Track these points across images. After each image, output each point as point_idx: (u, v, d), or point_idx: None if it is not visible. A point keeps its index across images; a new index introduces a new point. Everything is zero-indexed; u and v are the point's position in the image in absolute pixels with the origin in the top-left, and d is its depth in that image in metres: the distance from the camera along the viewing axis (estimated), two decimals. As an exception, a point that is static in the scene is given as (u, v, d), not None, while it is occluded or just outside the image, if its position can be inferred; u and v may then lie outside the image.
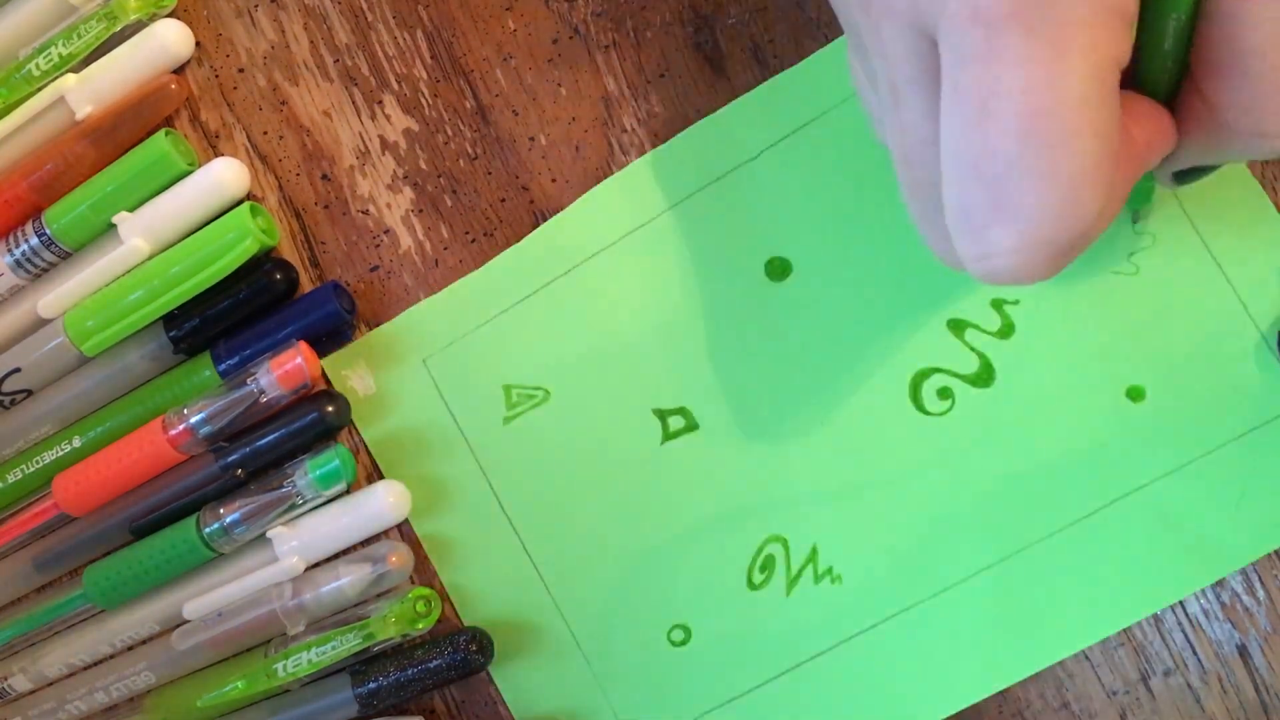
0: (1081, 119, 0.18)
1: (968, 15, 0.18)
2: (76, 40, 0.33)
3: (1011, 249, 0.19)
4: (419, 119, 0.33)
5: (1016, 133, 0.18)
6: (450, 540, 0.32)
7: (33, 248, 0.33)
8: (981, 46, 0.18)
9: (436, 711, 0.34)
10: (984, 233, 0.19)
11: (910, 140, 0.22)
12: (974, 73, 0.18)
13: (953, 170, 0.19)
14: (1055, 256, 0.19)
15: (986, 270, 0.20)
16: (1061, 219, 0.18)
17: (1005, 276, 0.19)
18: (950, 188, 0.19)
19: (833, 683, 0.30)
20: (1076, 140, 0.18)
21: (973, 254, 0.20)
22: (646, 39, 0.31)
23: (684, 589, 0.31)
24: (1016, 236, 0.19)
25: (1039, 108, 0.18)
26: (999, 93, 0.18)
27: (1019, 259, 0.19)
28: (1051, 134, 0.18)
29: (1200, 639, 0.29)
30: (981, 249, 0.19)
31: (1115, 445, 0.29)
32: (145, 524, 0.34)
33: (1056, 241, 0.19)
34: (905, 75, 0.21)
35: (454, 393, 0.32)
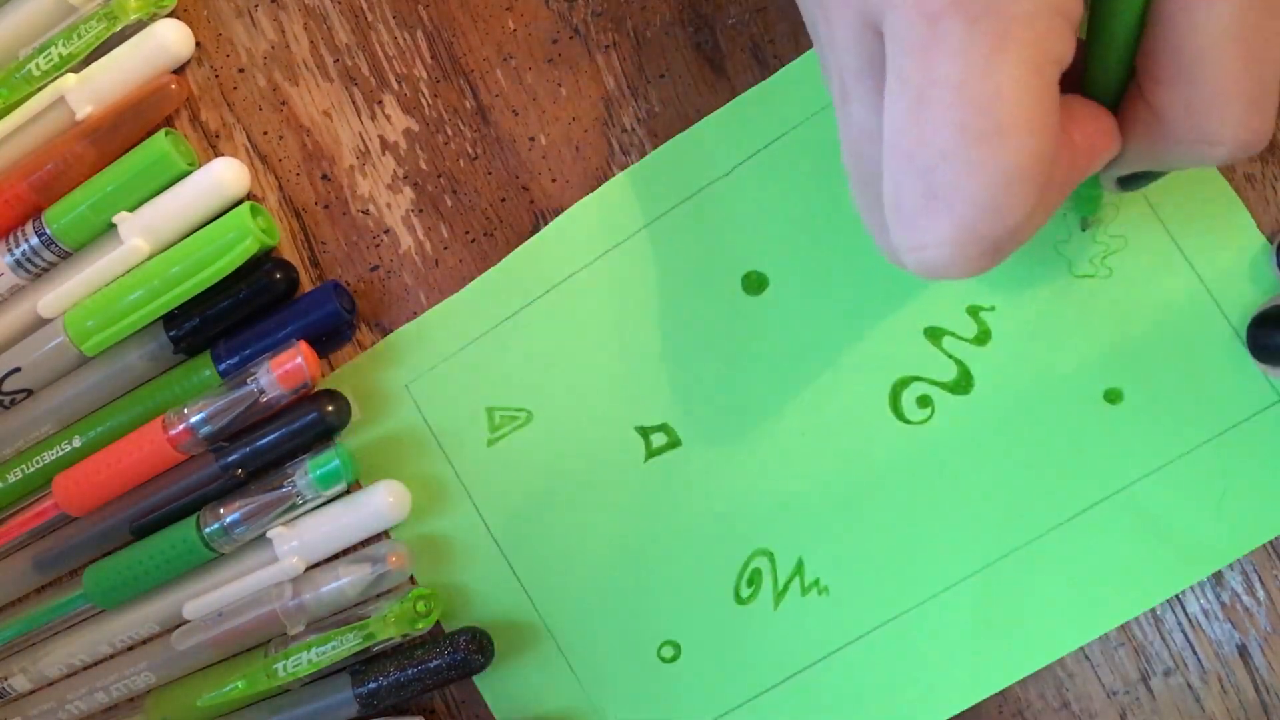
0: (1017, 114, 0.18)
1: (912, 5, 0.18)
2: (76, 40, 0.33)
3: (943, 240, 0.19)
4: (419, 119, 0.33)
5: (952, 124, 0.18)
6: (433, 557, 0.33)
7: (33, 247, 0.33)
8: (923, 36, 0.18)
9: (436, 711, 0.34)
10: (917, 223, 0.19)
11: (856, 133, 0.22)
12: (914, 62, 0.18)
13: (890, 160, 0.19)
14: (987, 251, 0.19)
15: (919, 261, 0.20)
16: (993, 213, 0.18)
17: (938, 269, 0.20)
18: (888, 179, 0.20)
19: (823, 694, 0.30)
20: (1011, 135, 0.18)
21: (906, 244, 0.20)
22: (646, 39, 0.31)
23: (672, 605, 0.31)
24: (948, 228, 0.19)
25: (975, 100, 0.18)
26: (936, 82, 0.18)
27: (950, 251, 0.19)
28: (986, 127, 0.18)
29: (1200, 639, 0.29)
30: (914, 239, 0.19)
31: (1095, 448, 0.29)
32: (145, 524, 0.34)
33: (988, 235, 0.19)
34: (853, 68, 0.21)
35: (437, 416, 0.32)
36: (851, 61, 0.21)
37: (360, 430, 0.33)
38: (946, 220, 0.19)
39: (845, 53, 0.21)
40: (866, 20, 0.20)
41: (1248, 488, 0.28)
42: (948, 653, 0.30)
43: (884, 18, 0.19)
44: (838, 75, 0.21)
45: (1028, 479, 0.29)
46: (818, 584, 0.30)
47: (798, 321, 0.30)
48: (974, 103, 0.18)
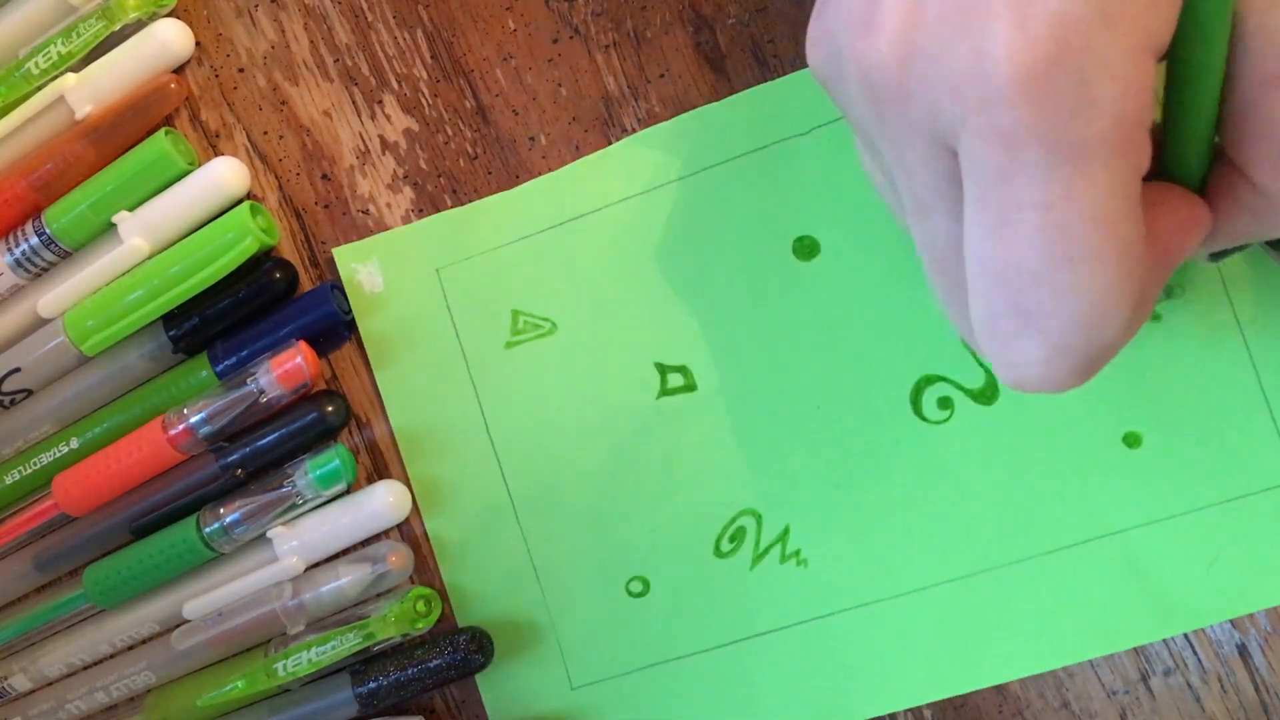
0: (1105, 235, 0.17)
1: (986, 131, 0.18)
2: (75, 39, 0.33)
3: (1038, 360, 0.19)
4: (419, 119, 0.33)
5: (1039, 248, 0.18)
6: (427, 444, 0.32)
7: (33, 247, 0.33)
8: (1001, 162, 0.18)
9: (436, 711, 0.34)
10: (1011, 343, 0.19)
11: (939, 244, 0.21)
12: (995, 188, 0.18)
13: (978, 282, 0.19)
14: (1084, 366, 0.19)
15: (1015, 379, 0.20)
16: (1088, 332, 0.18)
17: (1033, 385, 0.19)
18: (976, 299, 0.19)
19: (779, 661, 0.31)
20: (1100, 255, 0.18)
21: (1001, 363, 0.19)
22: (646, 39, 0.31)
23: (651, 543, 0.31)
24: (1043, 348, 0.19)
25: (1061, 223, 0.17)
26: (1020, 207, 0.18)
27: (1046, 370, 0.19)
28: (1074, 250, 0.18)
29: (1200, 639, 0.29)
30: (1009, 359, 0.19)
31: (1102, 486, 0.29)
32: (145, 524, 0.34)
33: (1085, 352, 0.19)
34: (927, 185, 0.20)
35: (461, 307, 0.32)
36: (927, 180, 0.20)
37: (380, 303, 0.33)
38: (1041, 342, 0.19)
39: (918, 173, 0.20)
40: (939, 140, 0.19)
41: (1242, 558, 0.28)
42: (906, 651, 0.30)
43: (958, 142, 0.18)
44: (910, 194, 0.21)
45: (1028, 501, 0.29)
46: (798, 555, 0.30)
47: (839, 296, 0.30)
48: (1061, 226, 0.17)
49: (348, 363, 0.33)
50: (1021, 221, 0.18)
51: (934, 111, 0.19)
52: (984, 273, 0.19)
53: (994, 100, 0.17)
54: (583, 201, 0.31)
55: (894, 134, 0.20)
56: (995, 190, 0.18)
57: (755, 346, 0.30)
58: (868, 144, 0.23)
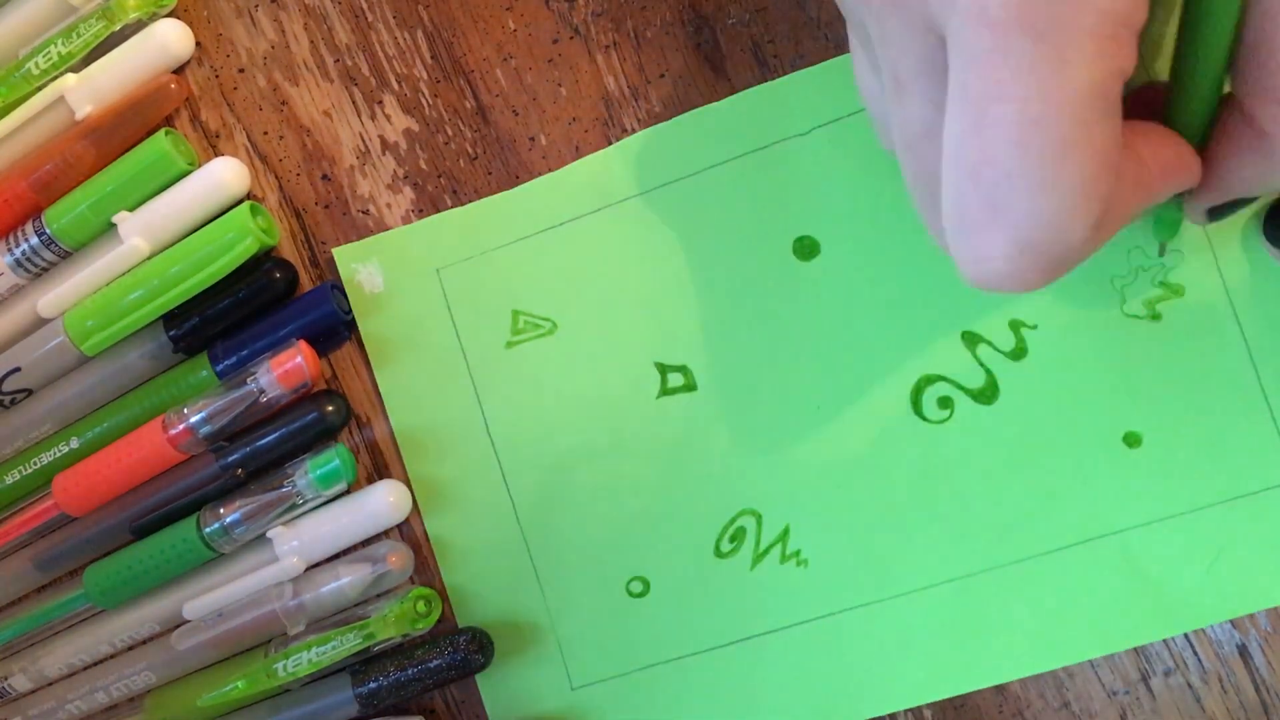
0: (1080, 131, 0.18)
1: (975, 16, 0.18)
2: (75, 39, 0.33)
3: (1003, 255, 0.19)
4: (419, 119, 0.33)
5: (1014, 140, 0.18)
6: (427, 444, 0.33)
7: (33, 247, 0.33)
8: (987, 48, 0.18)
9: (436, 711, 0.34)
10: (977, 236, 0.19)
11: (913, 130, 0.22)
12: (978, 75, 0.18)
13: (951, 172, 0.19)
14: (1046, 267, 0.19)
15: (978, 273, 0.20)
16: (1054, 229, 0.18)
17: (995, 281, 0.20)
18: (948, 189, 0.20)
19: (780, 661, 0.31)
20: (1073, 151, 0.18)
21: (966, 256, 0.20)
22: (646, 39, 0.31)
23: (651, 543, 0.31)
24: (1008, 243, 0.19)
25: (1038, 116, 0.18)
26: (1000, 98, 0.18)
27: (1009, 265, 0.19)
28: (1048, 144, 0.18)
29: (1200, 639, 0.29)
30: (974, 252, 0.19)
31: (1103, 486, 0.29)
32: (145, 524, 0.34)
33: (1048, 251, 0.19)
34: (910, 68, 0.21)
35: (462, 307, 0.32)
36: (909, 61, 0.20)
37: (380, 303, 0.33)
38: (1007, 234, 0.19)
39: (901, 52, 0.20)
40: (928, 24, 0.19)
41: (1244, 557, 0.28)
42: (906, 652, 0.30)
43: (947, 25, 0.19)
44: (891, 72, 0.21)
45: (1029, 501, 0.29)
46: (798, 555, 0.30)
47: (840, 296, 0.30)
48: (1037, 120, 0.18)
49: (348, 363, 0.33)
50: (999, 112, 0.18)
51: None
52: (958, 163, 0.19)
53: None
54: (583, 201, 0.31)
55: (883, 14, 0.20)
56: (978, 78, 0.18)
57: (755, 346, 0.30)
58: (858, 31, 0.23)
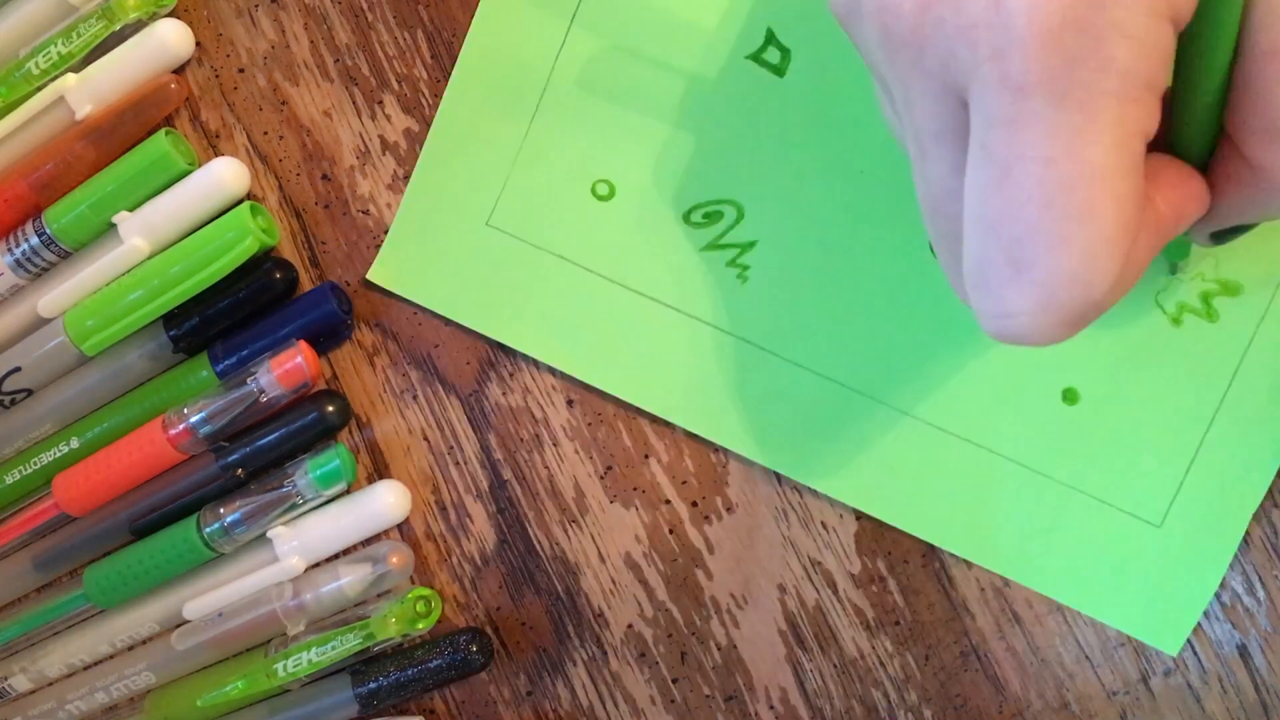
0: (1103, 192, 0.18)
1: (998, 80, 0.18)
2: (75, 39, 0.33)
3: (1025, 311, 0.19)
4: (419, 119, 0.33)
5: (1037, 200, 0.18)
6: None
7: (33, 247, 0.33)
8: (1009, 111, 0.18)
9: (436, 711, 0.34)
10: (1000, 293, 0.19)
11: (935, 192, 0.22)
12: (1000, 137, 0.18)
13: (974, 230, 0.19)
14: (1069, 321, 0.19)
15: (1000, 329, 0.20)
16: (1076, 286, 0.19)
17: (1020, 337, 0.20)
18: (970, 246, 0.20)
19: (687, 342, 0.31)
20: (1096, 212, 0.18)
21: (988, 312, 0.20)
22: (647, 39, 0.31)
23: (626, 169, 0.31)
24: (1031, 300, 0.19)
25: (1061, 177, 0.18)
26: (1023, 158, 0.18)
27: (1032, 321, 0.19)
28: (1072, 204, 0.18)
29: (1200, 639, 0.29)
30: (997, 309, 0.20)
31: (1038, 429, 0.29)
32: (145, 524, 0.34)
33: (1072, 307, 0.19)
34: (931, 130, 0.21)
35: None
36: (930, 125, 0.21)
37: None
38: (1031, 292, 0.19)
39: (924, 116, 0.21)
40: (949, 87, 0.20)
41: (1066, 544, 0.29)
42: (814, 431, 0.30)
43: (969, 89, 0.19)
44: (914, 136, 0.21)
45: (987, 388, 0.30)
46: (744, 268, 0.30)
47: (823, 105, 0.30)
48: (1061, 180, 0.18)
49: (348, 363, 0.33)
50: (1023, 172, 0.18)
51: (947, 58, 0.19)
52: (980, 221, 0.19)
53: (1008, 49, 0.18)
54: None
55: (905, 77, 0.20)
56: (1000, 139, 0.18)
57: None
58: (881, 85, 0.23)
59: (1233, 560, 0.29)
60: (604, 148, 0.31)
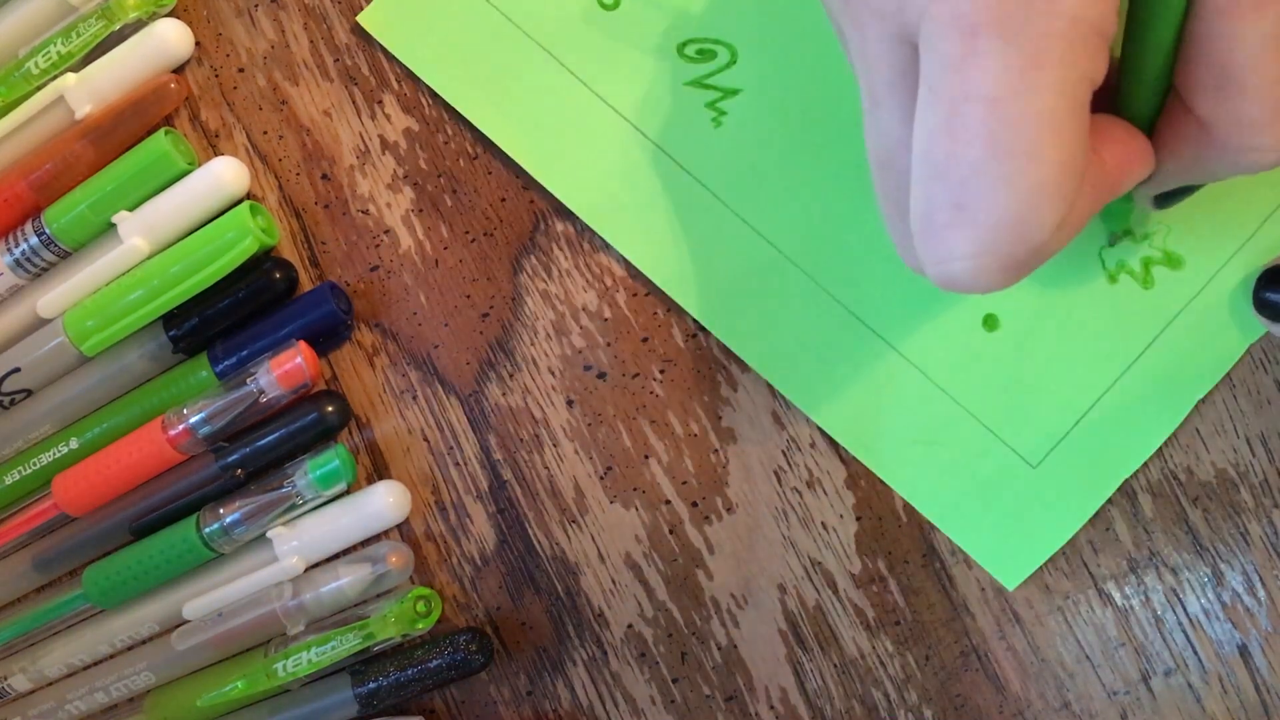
0: (1047, 132, 0.18)
1: (948, 19, 0.18)
2: (75, 39, 0.33)
3: (967, 254, 0.19)
4: (419, 118, 0.33)
5: (982, 139, 0.18)
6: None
7: (32, 247, 0.33)
8: (958, 51, 0.18)
9: (436, 711, 0.34)
10: (943, 235, 0.19)
11: (885, 141, 0.22)
12: (949, 76, 0.18)
13: (920, 171, 0.20)
14: (1010, 266, 0.19)
15: (942, 274, 0.20)
16: (1018, 229, 0.19)
17: (960, 282, 0.20)
18: (916, 189, 0.20)
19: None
20: (1040, 152, 0.18)
21: (931, 257, 0.20)
22: (647, 38, 0.31)
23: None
24: (973, 242, 0.19)
25: (1006, 116, 0.18)
26: (970, 97, 0.18)
27: (973, 264, 0.19)
28: (1016, 144, 0.18)
29: (1201, 639, 0.29)
30: (939, 252, 0.20)
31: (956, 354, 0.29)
32: (145, 524, 0.34)
33: (1012, 252, 0.19)
34: (884, 79, 0.21)
35: None
36: (884, 72, 0.21)
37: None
38: (972, 233, 0.19)
39: (877, 62, 0.21)
40: (901, 33, 0.20)
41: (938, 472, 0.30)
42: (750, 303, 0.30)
43: (919, 31, 0.19)
44: (867, 83, 0.22)
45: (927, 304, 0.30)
46: (721, 112, 0.30)
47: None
48: (1007, 119, 0.18)
49: (348, 363, 0.33)
50: (969, 112, 0.18)
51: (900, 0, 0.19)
52: (927, 164, 0.19)
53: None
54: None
55: (858, 20, 0.21)
56: (948, 80, 0.18)
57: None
58: (840, 35, 0.23)
59: (1231, 559, 0.29)
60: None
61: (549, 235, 0.32)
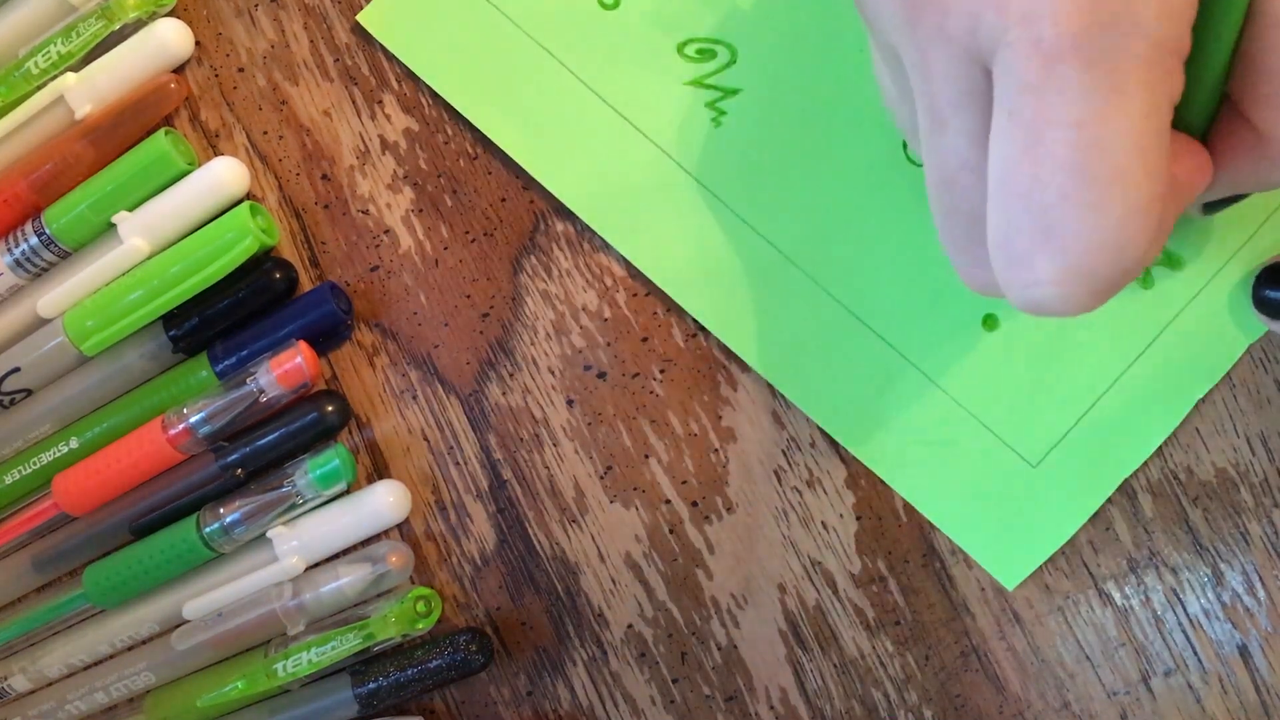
0: (1135, 156, 0.18)
1: (1028, 45, 0.18)
2: (75, 39, 0.33)
3: (1055, 279, 0.19)
4: (419, 118, 0.33)
5: (1069, 165, 0.18)
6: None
7: (32, 247, 0.33)
8: (1040, 76, 0.18)
9: (436, 711, 0.34)
10: (1028, 261, 0.19)
11: (951, 163, 0.21)
12: (1030, 102, 0.18)
13: (1000, 197, 0.19)
14: (1098, 290, 0.19)
15: (1028, 299, 0.20)
16: (1108, 254, 0.18)
17: (1047, 306, 0.20)
18: (995, 214, 0.19)
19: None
20: (1129, 178, 0.18)
21: (1015, 282, 0.20)
22: (647, 38, 0.31)
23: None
24: (1061, 268, 0.19)
25: (1093, 142, 0.18)
26: (1054, 123, 0.18)
27: (1062, 289, 0.19)
28: (1104, 169, 0.18)
29: (1201, 639, 0.29)
30: (1025, 278, 0.19)
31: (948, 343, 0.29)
32: (145, 524, 0.34)
33: (1101, 275, 0.19)
34: (951, 99, 0.20)
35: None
36: (950, 93, 0.20)
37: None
38: (1061, 260, 0.19)
39: (943, 83, 0.20)
40: (972, 55, 0.19)
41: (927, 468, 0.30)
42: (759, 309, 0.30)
43: (994, 55, 0.19)
44: (929, 107, 0.21)
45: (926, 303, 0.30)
46: (721, 112, 0.30)
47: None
48: (1093, 145, 0.18)
49: (348, 363, 0.33)
50: (1053, 138, 0.18)
51: (973, 22, 0.19)
52: (1007, 189, 0.19)
53: (1038, 13, 0.18)
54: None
55: (924, 42, 0.20)
56: (1029, 105, 0.18)
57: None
58: (886, 52, 0.23)
59: (1231, 559, 0.29)
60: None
61: (549, 235, 0.32)
